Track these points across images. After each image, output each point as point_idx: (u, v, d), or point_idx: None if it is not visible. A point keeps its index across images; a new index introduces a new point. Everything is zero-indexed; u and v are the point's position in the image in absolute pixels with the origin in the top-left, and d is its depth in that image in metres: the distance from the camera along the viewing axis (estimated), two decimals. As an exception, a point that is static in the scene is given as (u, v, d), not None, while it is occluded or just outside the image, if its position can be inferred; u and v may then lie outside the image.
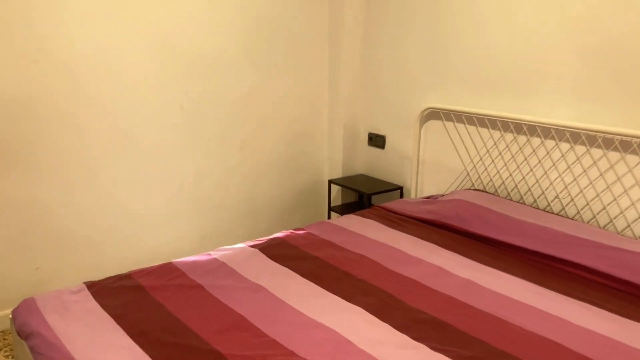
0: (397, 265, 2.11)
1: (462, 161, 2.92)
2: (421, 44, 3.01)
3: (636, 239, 2.22)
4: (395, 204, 2.81)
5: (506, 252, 2.24)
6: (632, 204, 2.24)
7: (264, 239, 2.36)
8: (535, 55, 2.48)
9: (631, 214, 2.25)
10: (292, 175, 3.46)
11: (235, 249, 2.24)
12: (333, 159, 3.56)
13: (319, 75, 3.41)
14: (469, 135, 2.85)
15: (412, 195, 3.18)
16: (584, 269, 2.02)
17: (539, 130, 2.53)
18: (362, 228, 2.49)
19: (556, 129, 2.42)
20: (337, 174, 3.53)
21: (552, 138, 2.47)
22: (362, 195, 3.60)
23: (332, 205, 3.57)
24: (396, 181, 3.35)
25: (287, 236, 2.39)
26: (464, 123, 2.86)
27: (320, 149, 3.57)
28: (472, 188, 2.88)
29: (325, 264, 2.11)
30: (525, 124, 2.55)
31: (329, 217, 3.49)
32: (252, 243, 2.31)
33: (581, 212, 2.42)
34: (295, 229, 2.49)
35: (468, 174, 2.90)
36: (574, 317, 1.72)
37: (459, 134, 2.90)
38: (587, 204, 2.39)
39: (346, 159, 3.52)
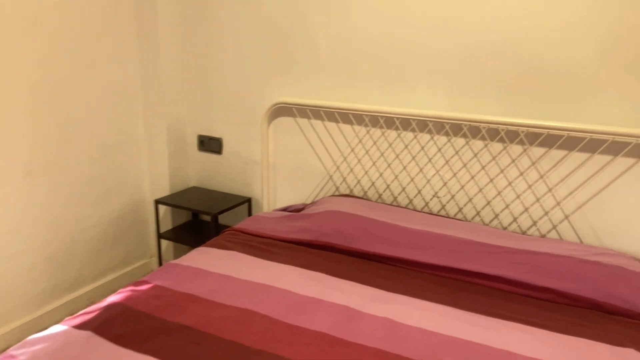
0: (294, 316, 1.59)
1: (322, 163, 2.50)
2: (267, 25, 2.48)
3: (524, 234, 2.09)
4: (253, 224, 2.26)
5: (409, 271, 1.90)
6: (518, 196, 2.10)
7: (93, 309, 1.59)
8: (406, 39, 2.17)
9: (517, 208, 2.11)
10: (105, 200, 2.63)
11: (53, 338, 1.44)
12: (156, 172, 2.82)
13: (125, 68, 2.62)
14: (329, 132, 2.45)
15: (265, 208, 2.67)
16: (500, 281, 1.78)
17: (414, 124, 2.24)
18: (226, 265, 1.89)
19: (433, 121, 2.16)
20: (164, 190, 2.81)
21: (429, 132, 2.21)
22: (197, 214, 2.95)
23: (161, 231, 2.84)
24: (241, 192, 2.79)
25: (127, 298, 1.65)
26: (323, 119, 2.45)
27: (138, 161, 2.79)
28: (337, 194, 2.49)
29: (201, 335, 1.47)
30: (397, 118, 2.25)
31: (159, 248, 2.75)
32: (76, 321, 1.53)
33: (463, 211, 2.22)
34: (135, 283, 1.76)
35: (331, 177, 2.50)
36: (517, 347, 1.45)
37: (317, 132, 2.48)
38: (470, 200, 2.20)
39: (173, 171, 2.82)
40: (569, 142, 1.96)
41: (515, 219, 2.12)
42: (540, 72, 1.95)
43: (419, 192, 2.29)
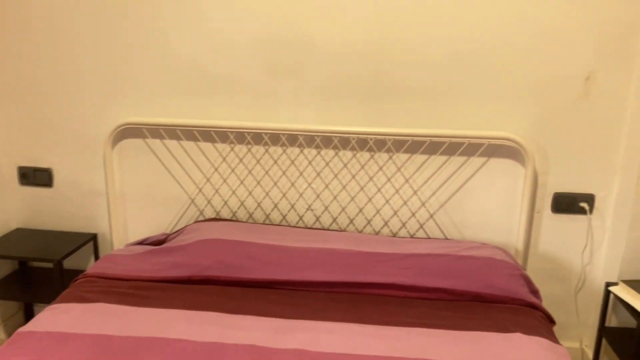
0: (199, 368, 1.40)
1: (181, 187, 2.27)
2: (104, 30, 2.14)
3: (412, 237, 2.18)
4: (111, 265, 1.95)
5: (305, 293, 1.82)
6: (387, 201, 2.17)
7: None
8: (266, 48, 2.08)
9: (387, 212, 2.19)
10: None
11: None
12: (-36, 217, 2.26)
13: None
14: (188, 153, 2.23)
15: (116, 244, 2.32)
16: (394, 287, 1.81)
17: (283, 139, 2.17)
18: (97, 323, 1.58)
19: (303, 134, 2.11)
20: (-23, 237, 2.28)
21: (300, 145, 2.16)
22: (24, 262, 2.45)
23: (-21, 288, 2.29)
24: (83, 228, 2.39)
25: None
26: (180, 138, 2.22)
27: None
28: (202, 219, 2.29)
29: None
30: (266, 133, 2.14)
31: (-20, 308, 2.22)
32: None
33: (338, 221, 2.22)
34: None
35: (193, 201, 2.29)
36: (431, 352, 1.49)
37: (173, 154, 2.24)
38: (343, 209, 2.21)
39: (-12, 213, 2.30)
40: (431, 146, 2.10)
41: (386, 223, 2.20)
42: (398, 80, 2.04)
43: (292, 206, 2.23)
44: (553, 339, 1.61)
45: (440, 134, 2.01)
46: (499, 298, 1.79)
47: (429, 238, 2.13)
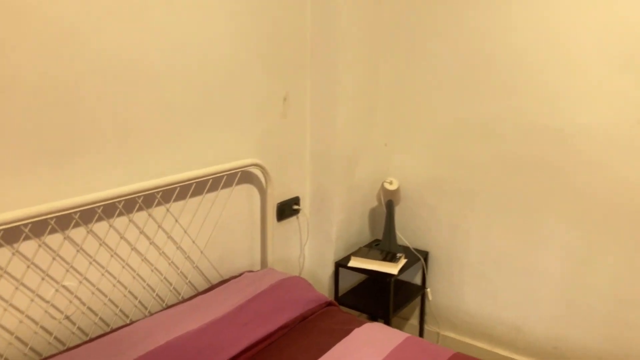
0: None
1: None
2: None
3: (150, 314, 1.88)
4: None
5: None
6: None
7: None
8: None
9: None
10: None
11: None
12: None
13: None
14: None
15: None
16: (249, 350, 1.62)
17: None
18: None
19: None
20: None
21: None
22: None
23: None
24: None
25: None
26: None
27: None
28: None
29: None
30: None
31: None
32: None
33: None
34: None
35: None
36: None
37: None
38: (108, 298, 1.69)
39: None
40: (182, 190, 1.89)
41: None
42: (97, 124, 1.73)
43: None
44: (366, 319, 1.91)
45: (182, 178, 1.83)
46: (314, 310, 1.91)
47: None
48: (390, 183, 2.47)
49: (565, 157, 2.14)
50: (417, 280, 2.65)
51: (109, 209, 1.64)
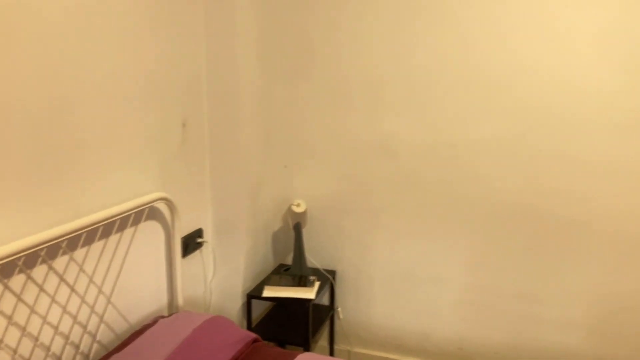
0: None
1: None
2: None
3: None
4: None
5: None
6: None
7: None
8: None
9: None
10: None
11: None
12: None
13: None
14: None
15: None
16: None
17: None
18: None
19: None
20: None
21: None
22: None
23: None
24: None
25: None
26: None
27: None
28: None
29: None
30: None
31: None
32: None
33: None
34: None
35: None
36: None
37: None
38: None
39: None
40: (89, 236, 1.63)
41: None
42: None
43: None
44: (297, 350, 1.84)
45: (85, 223, 1.60)
46: (242, 350, 1.78)
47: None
48: (298, 205, 2.43)
49: (459, 170, 2.30)
50: (325, 301, 2.63)
51: (7, 268, 1.34)
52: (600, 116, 2.07)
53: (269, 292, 2.27)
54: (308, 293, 2.25)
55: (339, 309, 2.61)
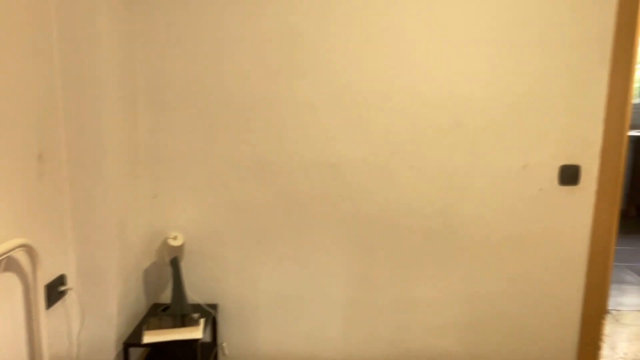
0: None
1: None
2: None
3: None
4: None
5: None
6: None
7: None
8: None
9: None
10: None
11: None
12: None
13: None
14: None
15: None
16: None
17: None
18: None
19: None
20: None
21: None
22: None
23: None
24: None
25: None
26: None
27: None
28: None
29: None
30: None
31: None
32: None
33: None
34: None
35: None
36: None
37: None
38: None
39: None
40: None
41: None
42: None
43: None
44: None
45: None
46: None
47: None
48: (175, 238, 2.25)
49: (339, 189, 2.36)
50: (207, 337, 2.47)
51: None
52: (457, 135, 2.29)
53: (150, 337, 2.05)
54: (194, 333, 2.09)
55: (224, 344, 2.47)
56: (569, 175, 2.31)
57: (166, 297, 2.47)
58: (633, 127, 5.48)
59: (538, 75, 2.23)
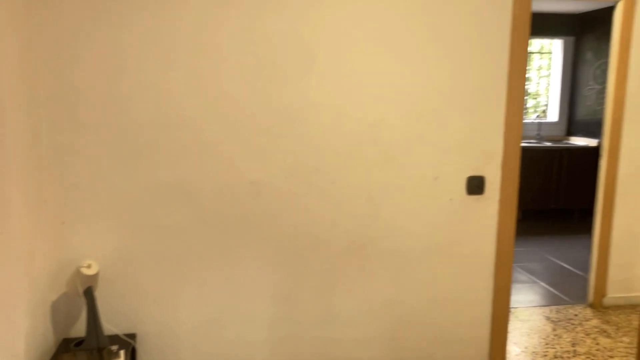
0: None
1: None
2: None
3: None
4: None
5: None
6: None
7: None
8: None
9: None
10: None
11: None
12: None
13: None
14: None
15: None
16: None
17: None
18: None
19: None
20: None
21: None
22: None
23: None
24: None
25: None
26: None
27: None
28: None
29: None
30: None
31: None
32: None
33: None
34: None
35: None
36: None
37: None
38: None
39: None
40: None
41: None
42: None
43: None
44: None
45: None
46: None
47: None
48: (89, 267, 2.10)
49: (260, 207, 2.34)
50: (125, 370, 2.32)
51: None
52: (374, 151, 2.39)
53: (65, 375, 1.89)
54: (115, 366, 1.96)
55: (145, 376, 2.34)
56: (475, 185, 2.50)
57: (77, 330, 2.29)
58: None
59: (445, 93, 2.39)
